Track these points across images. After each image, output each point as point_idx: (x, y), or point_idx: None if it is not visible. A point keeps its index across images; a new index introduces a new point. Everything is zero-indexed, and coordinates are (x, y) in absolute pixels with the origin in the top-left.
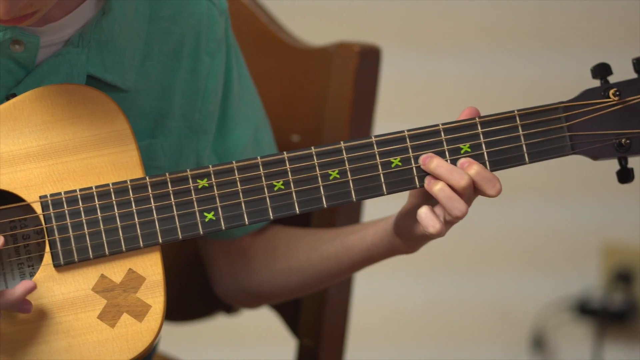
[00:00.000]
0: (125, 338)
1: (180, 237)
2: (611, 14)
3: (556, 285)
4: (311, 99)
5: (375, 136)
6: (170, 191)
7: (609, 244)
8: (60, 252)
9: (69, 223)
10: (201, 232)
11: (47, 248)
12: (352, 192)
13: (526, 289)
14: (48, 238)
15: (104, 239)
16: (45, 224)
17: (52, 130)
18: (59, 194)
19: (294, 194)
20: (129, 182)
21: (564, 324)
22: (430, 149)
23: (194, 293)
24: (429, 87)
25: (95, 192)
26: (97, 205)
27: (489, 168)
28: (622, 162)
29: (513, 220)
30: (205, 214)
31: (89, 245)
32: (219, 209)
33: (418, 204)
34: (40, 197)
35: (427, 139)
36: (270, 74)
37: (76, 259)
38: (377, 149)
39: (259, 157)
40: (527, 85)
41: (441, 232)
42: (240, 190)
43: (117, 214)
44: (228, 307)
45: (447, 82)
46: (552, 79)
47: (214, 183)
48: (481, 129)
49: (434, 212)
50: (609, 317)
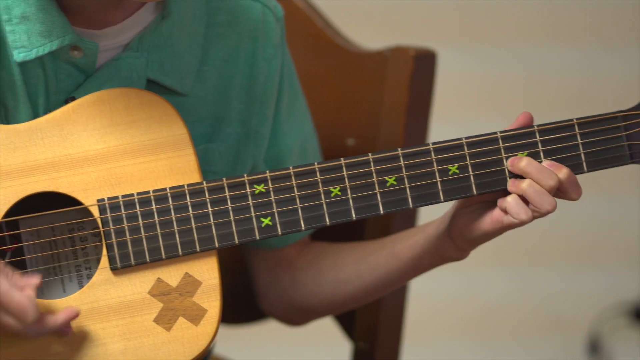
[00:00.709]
0: (181, 342)
1: (236, 241)
2: None
3: (614, 288)
4: (366, 102)
5: (433, 143)
6: (227, 196)
7: None
8: (117, 255)
9: (126, 226)
10: (257, 237)
11: (104, 251)
12: (409, 199)
13: (583, 291)
14: (105, 241)
15: (161, 242)
16: (102, 227)
17: (110, 134)
18: (117, 197)
19: (350, 200)
20: (186, 186)
21: (620, 328)
22: (487, 156)
23: (249, 295)
24: (485, 90)
25: (152, 196)
26: (154, 209)
27: None
28: None
29: (572, 219)
30: (262, 219)
31: (145, 248)
32: (276, 214)
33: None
34: (98, 200)
35: (484, 146)
36: (326, 77)
37: (133, 263)
38: (435, 156)
39: (316, 163)
40: (582, 87)
41: (529, 220)
42: (297, 195)
43: (174, 218)
44: (290, 324)
45: (503, 84)
46: (608, 79)
47: (270, 188)
48: (539, 137)
49: (529, 199)
50: None
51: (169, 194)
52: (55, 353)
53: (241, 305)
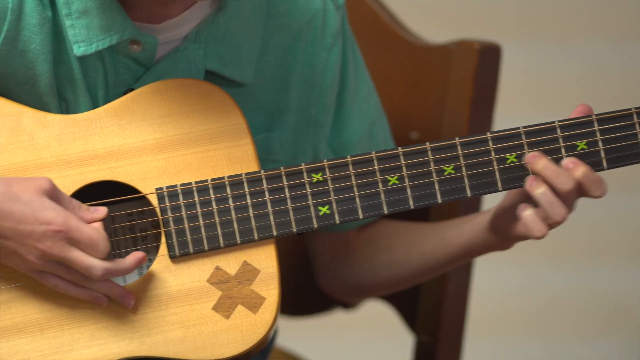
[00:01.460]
0: (239, 329)
1: (294, 230)
2: None
3: None
4: (431, 96)
5: (491, 132)
6: (285, 185)
7: None
8: (175, 243)
9: (184, 215)
10: (315, 226)
11: (163, 239)
12: (467, 187)
13: None
14: (164, 229)
15: (219, 231)
16: (161, 216)
17: (168, 124)
18: (175, 186)
19: (408, 188)
20: (244, 175)
21: None
22: (546, 145)
23: (312, 288)
24: (549, 85)
25: (210, 185)
26: (213, 197)
27: (605, 165)
28: None
29: (634, 214)
30: (319, 207)
31: (204, 237)
32: (334, 202)
33: (517, 202)
34: (157, 189)
35: (543, 135)
36: (391, 71)
37: (191, 251)
38: (493, 145)
39: (373, 152)
40: None
41: (543, 236)
42: (354, 184)
43: (232, 206)
44: (346, 302)
45: (567, 79)
46: None
47: (328, 177)
48: (598, 126)
49: (540, 215)
50: None
51: (227, 183)
52: (117, 339)
53: (304, 297)
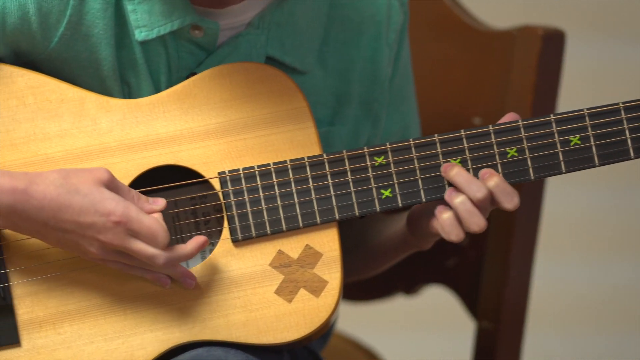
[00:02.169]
0: (302, 313)
1: (357, 213)
2: None
3: None
4: (493, 82)
5: (554, 114)
6: (348, 168)
7: None
8: (238, 227)
9: (246, 199)
10: (378, 209)
11: (226, 223)
12: (530, 170)
13: None
14: (226, 213)
15: (282, 214)
16: (223, 200)
17: (230, 108)
18: (237, 170)
19: (471, 171)
20: (306, 159)
21: None
22: (609, 127)
23: None
24: (614, 73)
25: (273, 169)
26: (275, 181)
27: None
28: None
29: None
30: (382, 190)
31: (266, 220)
32: (396, 185)
33: (431, 204)
34: (219, 173)
35: (606, 117)
36: (454, 57)
37: (254, 235)
38: (556, 127)
39: (436, 135)
40: None
41: (459, 241)
42: (417, 167)
43: (294, 190)
44: (407, 288)
45: (633, 68)
46: None
47: (390, 160)
48: None
49: (457, 220)
50: None
51: (289, 166)
52: (179, 323)
53: (364, 281)
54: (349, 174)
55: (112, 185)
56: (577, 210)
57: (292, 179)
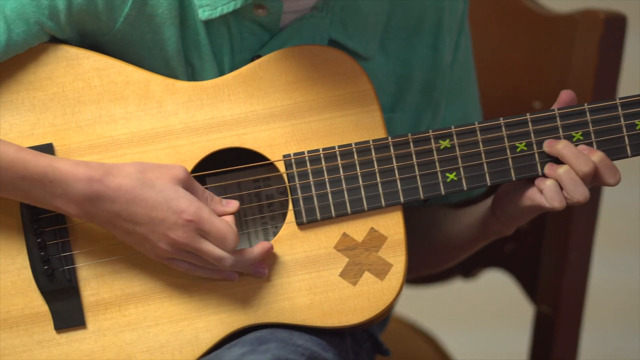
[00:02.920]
0: (366, 296)
1: (421, 196)
2: None
3: None
4: (554, 66)
5: (620, 98)
6: (413, 151)
7: None
8: (303, 210)
9: (311, 182)
10: (443, 192)
11: (290, 206)
12: None
13: None
14: (291, 196)
15: (346, 197)
16: (288, 183)
17: (295, 91)
18: (302, 153)
19: (536, 155)
20: (371, 142)
21: None
22: None
23: None
24: None
25: (338, 152)
26: (340, 164)
27: None
28: None
29: None
30: (447, 174)
31: (331, 203)
32: (461, 169)
33: (518, 186)
34: (284, 156)
35: None
36: (514, 40)
37: (319, 218)
38: (622, 110)
39: (501, 119)
40: None
41: (562, 208)
42: (482, 151)
43: (359, 173)
44: (465, 272)
45: None
46: None
47: (456, 144)
48: None
49: (563, 186)
50: None
51: (354, 149)
52: (244, 306)
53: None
54: (414, 157)
55: (187, 184)
56: (637, 201)
57: (357, 162)
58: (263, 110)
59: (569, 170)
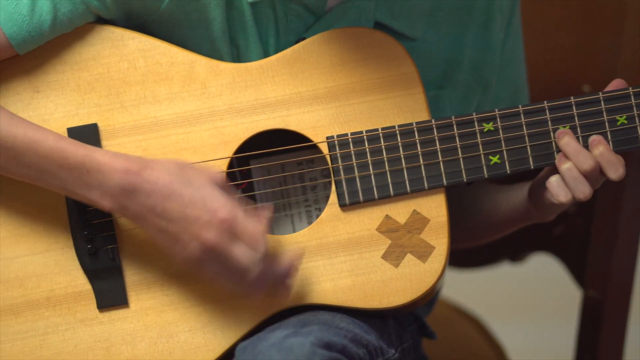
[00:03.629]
0: (408, 278)
1: (464, 179)
2: None
3: None
4: (604, 49)
5: None
6: (456, 134)
7: None
8: (345, 192)
9: (354, 164)
10: (486, 175)
11: (333, 188)
12: None
13: None
14: (334, 178)
15: (389, 180)
16: (331, 164)
17: (339, 73)
18: (346, 134)
19: (580, 139)
20: (414, 124)
21: None
22: None
23: None
24: None
25: (381, 134)
26: (383, 146)
27: None
28: None
29: None
30: (490, 157)
31: (374, 186)
32: (504, 152)
33: (549, 175)
34: (327, 137)
35: None
36: (564, 22)
37: (361, 199)
38: None
39: (545, 102)
40: None
41: (569, 203)
42: (526, 134)
43: (402, 155)
44: (513, 255)
45: None
46: None
47: (499, 126)
48: None
49: (566, 183)
50: None
51: (397, 132)
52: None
53: (470, 248)
54: (457, 139)
55: (225, 187)
56: None
57: (400, 144)
58: (307, 92)
59: (571, 167)
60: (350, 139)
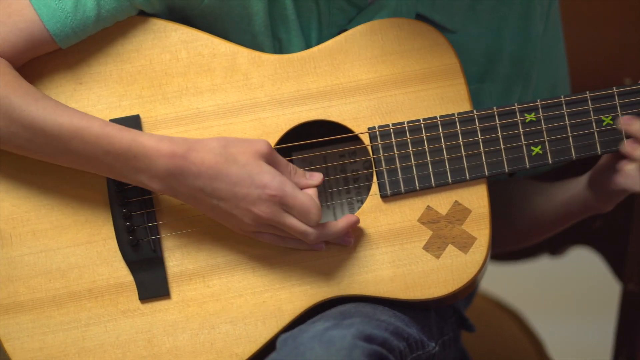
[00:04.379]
0: (450, 269)
1: (506, 170)
2: None
3: None
4: None
5: None
6: (498, 124)
7: None
8: (387, 182)
9: (396, 154)
10: (528, 166)
11: (375, 178)
12: None
13: None
14: (375, 169)
15: (431, 170)
16: (372, 155)
17: (381, 64)
18: (387, 125)
19: (622, 130)
20: (456, 115)
21: None
22: None
23: None
24: None
25: (422, 125)
26: (425, 137)
27: None
28: None
29: None
30: (532, 147)
31: (415, 176)
32: (546, 142)
33: (613, 162)
34: (369, 128)
35: None
36: (606, 15)
37: (403, 190)
38: None
39: (587, 92)
40: None
41: None
42: (568, 124)
43: (443, 146)
44: (553, 249)
45: None
46: None
47: (541, 117)
48: None
49: None
50: None
51: (439, 122)
52: (327, 278)
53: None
54: (499, 130)
55: (270, 158)
56: None
57: (442, 135)
58: (348, 83)
59: None
60: (391, 130)
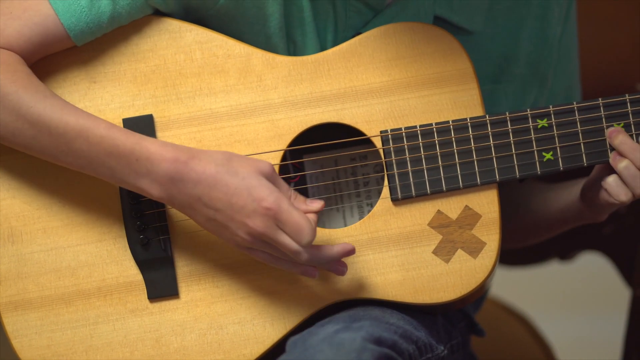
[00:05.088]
0: (459, 274)
1: (517, 175)
2: None
3: None
4: None
5: None
6: (510, 130)
7: None
8: (398, 186)
9: (407, 158)
10: (539, 172)
11: (386, 182)
12: None
13: None
14: (387, 172)
15: (442, 175)
16: (384, 158)
17: (395, 67)
18: (399, 129)
19: (634, 136)
20: (468, 119)
21: None
22: None
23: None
24: None
25: (435, 129)
26: (437, 141)
27: None
28: None
29: None
30: (543, 153)
31: (426, 180)
32: (558, 149)
33: (603, 174)
34: (381, 131)
35: None
36: (619, 19)
37: (414, 194)
38: None
39: (600, 99)
40: None
41: (630, 201)
42: (580, 130)
43: (455, 150)
44: (562, 254)
45: None
46: None
47: (553, 123)
48: None
49: (624, 181)
50: None
51: (451, 127)
52: (336, 281)
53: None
54: (511, 135)
55: (272, 178)
56: None
57: (453, 139)
58: (362, 86)
59: (628, 165)
60: (404, 134)
